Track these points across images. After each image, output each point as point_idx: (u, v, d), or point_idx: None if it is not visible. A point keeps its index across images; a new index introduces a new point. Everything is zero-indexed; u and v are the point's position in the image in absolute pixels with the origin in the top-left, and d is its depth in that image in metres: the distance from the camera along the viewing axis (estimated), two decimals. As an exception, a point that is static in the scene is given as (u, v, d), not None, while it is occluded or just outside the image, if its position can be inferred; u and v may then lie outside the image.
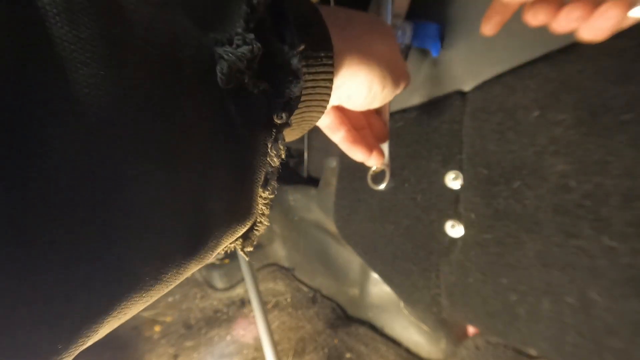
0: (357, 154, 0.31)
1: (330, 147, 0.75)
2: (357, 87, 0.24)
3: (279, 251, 1.12)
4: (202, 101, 0.15)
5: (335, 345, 0.85)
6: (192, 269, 0.16)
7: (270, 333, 0.76)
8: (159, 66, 0.13)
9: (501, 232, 0.40)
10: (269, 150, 0.18)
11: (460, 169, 0.44)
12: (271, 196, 0.19)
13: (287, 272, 1.09)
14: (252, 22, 0.16)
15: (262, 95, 0.17)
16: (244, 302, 1.05)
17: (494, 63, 0.39)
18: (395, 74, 0.26)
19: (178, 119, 0.13)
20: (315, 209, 0.86)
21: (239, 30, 0.15)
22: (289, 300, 1.01)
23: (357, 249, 0.61)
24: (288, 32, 0.18)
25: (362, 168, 0.59)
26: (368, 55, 0.23)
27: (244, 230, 0.19)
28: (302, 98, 0.20)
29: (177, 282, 0.15)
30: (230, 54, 0.15)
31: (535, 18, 0.24)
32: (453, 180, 0.45)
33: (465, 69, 0.42)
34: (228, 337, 0.96)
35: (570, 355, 0.36)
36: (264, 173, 0.18)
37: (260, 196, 0.19)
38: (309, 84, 0.20)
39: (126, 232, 0.12)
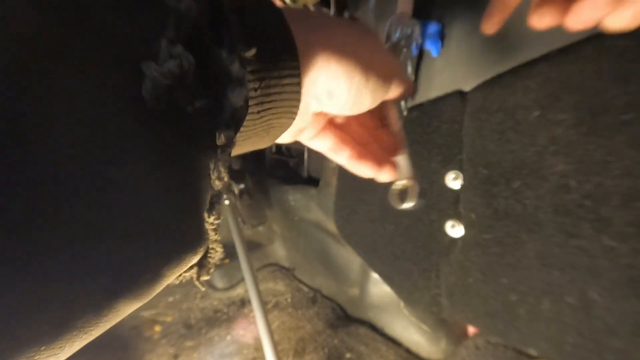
0: (366, 169, 0.28)
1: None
2: (335, 79, 0.21)
3: (279, 251, 1.12)
4: (131, 128, 0.13)
5: (335, 345, 0.85)
6: (135, 306, 0.14)
7: (270, 333, 0.76)
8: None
9: (501, 232, 0.40)
10: (210, 173, 0.16)
11: (460, 169, 0.44)
12: (217, 221, 0.17)
13: (287, 272, 1.09)
14: (183, 28, 0.13)
15: (199, 114, 0.15)
16: (244, 302, 1.05)
17: (494, 63, 0.39)
18: (382, 68, 0.23)
19: (104, 148, 0.12)
20: (315, 209, 0.86)
21: (164, 43, 0.13)
22: (289, 300, 1.01)
23: (357, 249, 0.61)
24: (226, 34, 0.16)
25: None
26: (341, 46, 0.21)
27: (196, 258, 0.17)
28: (269, 105, 0.19)
29: (112, 320, 0.14)
30: (154, 71, 0.13)
31: (541, 21, 0.23)
32: (453, 180, 0.45)
33: (465, 69, 0.42)
34: (228, 337, 0.96)
35: (570, 355, 0.36)
36: (207, 198, 0.16)
37: (207, 221, 0.17)
38: (274, 90, 0.18)
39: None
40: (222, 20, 0.16)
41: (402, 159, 0.31)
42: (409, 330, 0.75)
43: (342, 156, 0.28)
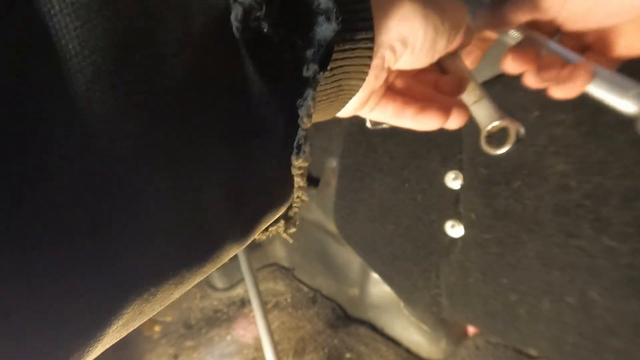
0: (430, 121, 0.25)
1: (330, 147, 0.76)
2: (410, 21, 0.19)
3: (279, 251, 1.12)
4: (215, 59, 0.13)
5: (335, 345, 0.85)
6: (231, 253, 0.15)
7: (270, 333, 0.76)
8: (166, 17, 0.11)
9: (501, 232, 0.40)
10: (298, 111, 0.15)
11: (460, 169, 0.44)
12: (305, 164, 0.16)
13: (287, 272, 1.09)
14: None
15: (287, 46, 0.14)
16: (244, 302, 1.05)
17: (494, 63, 0.39)
18: (455, 9, 0.21)
19: (190, 85, 0.12)
20: (315, 209, 0.86)
21: None
22: (289, 300, 1.01)
23: (357, 249, 0.61)
24: None
25: (362, 168, 0.59)
26: None
27: (284, 209, 0.17)
28: (341, 62, 0.17)
29: (215, 266, 0.15)
30: None
31: (512, 68, 0.25)
32: (453, 180, 0.45)
33: (465, 69, 0.42)
34: (228, 337, 0.96)
35: (570, 355, 0.36)
36: (295, 138, 0.16)
37: (294, 166, 0.16)
38: (346, 45, 0.17)
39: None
40: None
41: (483, 104, 0.29)
42: (409, 330, 0.75)
43: (406, 118, 0.25)
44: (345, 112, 0.23)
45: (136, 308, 0.13)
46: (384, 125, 0.38)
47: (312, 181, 0.86)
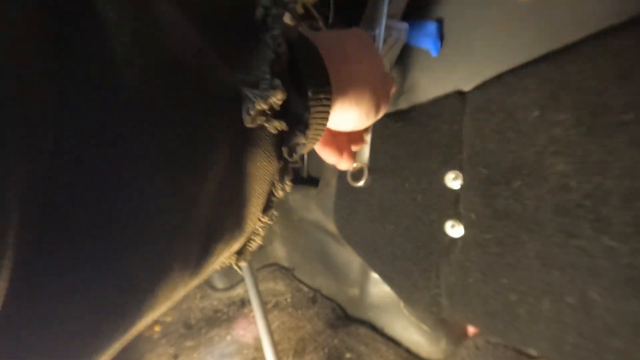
0: (328, 156, 0.32)
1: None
2: (347, 118, 0.26)
3: (279, 251, 1.12)
4: (223, 129, 0.15)
5: (335, 345, 0.85)
6: (193, 284, 0.17)
7: (270, 333, 0.76)
8: (187, 85, 0.13)
9: (501, 232, 0.40)
10: (276, 183, 0.19)
11: (460, 169, 0.44)
12: (270, 222, 0.21)
13: (287, 272, 1.09)
14: (277, 67, 0.16)
15: (278, 137, 0.18)
16: (244, 302, 1.05)
17: (494, 63, 0.39)
18: (380, 101, 0.28)
19: (199, 140, 0.14)
20: (315, 209, 0.86)
21: (267, 75, 0.16)
22: (289, 300, 1.01)
23: (357, 249, 0.61)
24: (302, 85, 0.19)
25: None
26: (358, 90, 0.25)
27: (238, 245, 0.20)
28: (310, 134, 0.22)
29: (172, 298, 0.16)
30: (257, 96, 0.15)
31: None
32: (453, 180, 0.45)
33: (465, 68, 0.42)
34: (228, 337, 0.96)
35: (570, 355, 0.36)
36: (265, 199, 0.19)
37: (260, 219, 0.20)
38: (312, 122, 0.21)
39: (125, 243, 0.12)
40: (294, 66, 0.19)
41: (365, 149, 0.38)
42: (409, 330, 0.75)
43: (318, 150, 0.32)
44: None
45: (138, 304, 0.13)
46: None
47: (312, 181, 0.86)
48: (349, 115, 0.26)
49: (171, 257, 0.14)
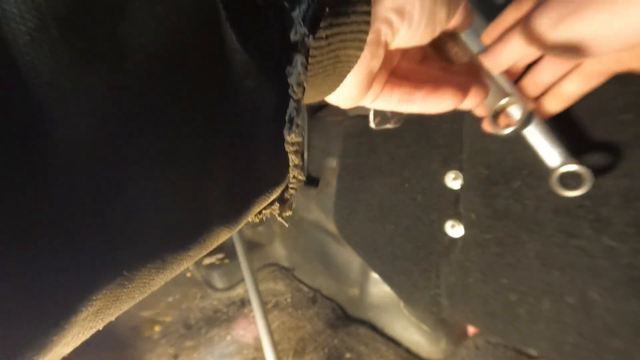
0: (445, 100, 0.23)
1: (330, 147, 0.76)
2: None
3: (279, 251, 1.12)
4: (193, 27, 0.12)
5: (335, 345, 0.85)
6: (223, 238, 0.14)
7: (270, 333, 0.76)
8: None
9: (501, 232, 0.40)
10: (288, 80, 0.14)
11: (460, 169, 0.44)
12: (299, 139, 0.15)
13: (287, 272, 1.09)
14: None
15: (271, 6, 0.13)
16: (244, 302, 1.05)
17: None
18: None
19: (168, 59, 0.11)
20: (315, 209, 0.86)
21: None
22: (289, 300, 1.01)
23: (357, 249, 0.61)
24: None
25: (362, 168, 0.59)
26: None
27: (280, 190, 0.16)
28: (337, 29, 0.16)
29: (216, 244, 0.14)
30: None
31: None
32: (453, 180, 0.45)
33: (465, 69, 0.42)
34: (228, 337, 0.96)
35: (570, 355, 0.36)
36: (286, 111, 0.15)
37: (287, 142, 0.15)
38: (343, 9, 0.15)
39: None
40: None
41: (492, 80, 0.26)
42: (409, 330, 0.75)
43: (415, 102, 0.23)
44: (347, 101, 0.21)
45: (109, 294, 0.12)
46: (388, 126, 0.38)
47: (312, 181, 0.86)
48: None
49: (169, 252, 0.13)
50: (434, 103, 0.23)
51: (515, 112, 0.27)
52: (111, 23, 0.10)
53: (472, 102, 0.24)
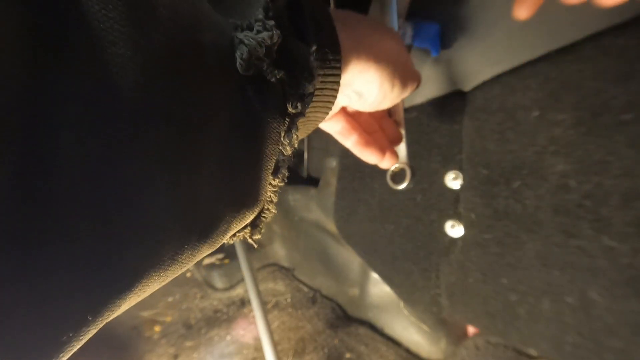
0: (370, 156, 0.31)
1: (330, 147, 0.76)
2: (367, 84, 0.24)
3: (279, 251, 1.12)
4: (221, 87, 0.15)
5: (335, 345, 0.85)
6: (205, 252, 0.16)
7: (270, 333, 0.76)
8: (182, 49, 0.13)
9: (501, 232, 0.40)
10: (282, 139, 0.18)
11: (460, 169, 0.44)
12: (281, 184, 0.19)
13: (287, 272, 1.09)
14: (272, 11, 0.16)
15: (279, 84, 0.17)
16: (244, 302, 1.05)
17: (494, 63, 0.39)
18: (405, 74, 0.26)
19: (198, 105, 0.14)
20: (315, 209, 0.86)
21: (260, 16, 0.15)
22: (289, 300, 1.01)
23: (357, 249, 0.61)
24: (305, 30, 0.18)
25: (362, 168, 0.59)
26: (377, 52, 0.23)
27: (252, 217, 0.19)
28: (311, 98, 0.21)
29: (191, 263, 0.16)
30: (250, 39, 0.15)
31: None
32: (453, 180, 0.45)
33: (465, 69, 0.42)
34: (228, 337, 0.96)
35: (570, 355, 0.36)
36: (274, 161, 0.18)
37: (270, 184, 0.19)
38: (318, 86, 0.20)
39: (142, 222, 0.12)
40: (295, 12, 0.19)
41: (401, 146, 0.35)
42: (409, 330, 0.75)
43: (349, 141, 0.30)
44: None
45: (130, 299, 0.13)
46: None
47: (312, 181, 0.86)
48: (368, 78, 0.24)
49: (166, 249, 0.14)
50: (360, 152, 0.31)
51: (405, 172, 0.37)
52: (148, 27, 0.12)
53: (385, 165, 0.33)
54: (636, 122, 0.30)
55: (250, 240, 0.21)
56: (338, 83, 0.21)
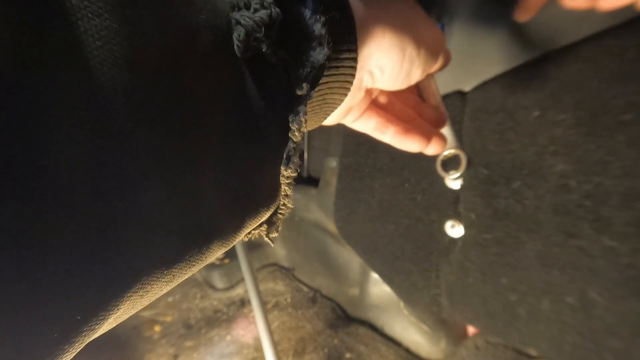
0: (413, 144, 0.27)
1: (330, 147, 0.76)
2: (388, 53, 0.21)
3: (279, 251, 1.12)
4: (217, 72, 0.14)
5: (335, 345, 0.85)
6: (216, 252, 0.16)
7: (270, 333, 0.76)
8: (175, 29, 0.12)
9: (501, 232, 0.40)
10: (290, 125, 0.16)
11: (460, 169, 0.44)
12: (294, 174, 0.18)
13: (287, 272, 1.09)
14: None
15: (282, 65, 0.16)
16: (244, 302, 1.05)
17: (494, 63, 0.39)
18: (431, 43, 0.23)
19: (195, 97, 0.13)
20: (315, 209, 0.86)
21: None
22: (289, 300, 1.01)
23: (357, 249, 0.61)
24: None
25: (362, 168, 0.59)
26: (395, 17, 0.21)
27: (269, 214, 0.18)
28: (326, 78, 0.18)
29: (201, 264, 0.15)
30: (247, 19, 0.14)
31: (574, 1, 0.24)
32: (453, 181, 0.45)
33: (465, 69, 0.42)
34: (228, 337, 0.96)
35: (570, 355, 0.36)
36: (285, 150, 0.17)
37: (283, 175, 0.17)
38: (332, 63, 0.18)
39: (143, 224, 0.12)
40: None
41: (445, 130, 0.30)
42: (409, 330, 0.75)
43: (387, 134, 0.27)
44: (327, 121, 0.24)
45: (130, 303, 0.13)
46: None
47: (312, 181, 0.86)
48: (389, 44, 0.20)
49: (166, 249, 0.14)
50: (402, 142, 0.27)
51: (457, 159, 0.31)
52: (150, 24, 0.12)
53: (433, 151, 0.28)
54: (636, 122, 0.30)
55: (266, 239, 0.19)
56: (355, 58, 0.19)
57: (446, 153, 0.32)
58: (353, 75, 0.19)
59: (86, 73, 0.10)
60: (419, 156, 0.48)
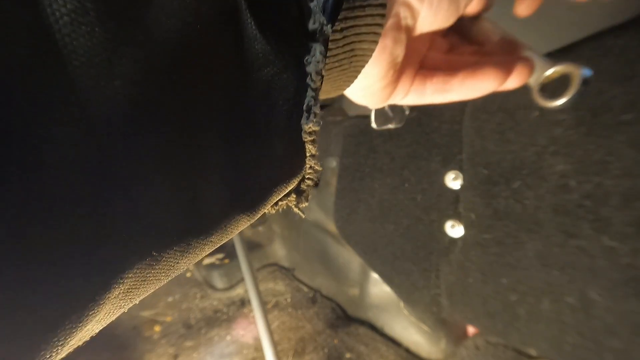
0: (488, 81, 0.20)
1: (330, 147, 0.76)
2: None
3: (279, 251, 1.12)
4: (213, 16, 0.12)
5: (335, 345, 0.85)
6: (245, 224, 0.14)
7: (270, 333, 0.76)
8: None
9: (501, 232, 0.40)
10: (307, 68, 0.14)
11: (460, 169, 0.44)
12: (316, 128, 0.15)
13: (287, 272, 1.09)
14: None
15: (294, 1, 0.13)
16: (244, 302, 1.05)
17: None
18: None
19: (188, 46, 0.11)
20: (315, 208, 0.86)
21: None
22: (289, 300, 1.01)
23: (357, 249, 0.61)
24: None
25: (362, 168, 0.59)
26: None
27: (297, 180, 0.16)
28: (349, 21, 0.15)
29: (237, 231, 0.14)
30: None
31: None
32: (453, 180, 0.45)
33: (465, 69, 0.42)
34: (228, 337, 0.96)
35: (570, 355, 0.36)
36: (304, 100, 0.14)
37: (304, 131, 0.15)
38: (357, 2, 0.15)
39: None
40: None
41: (531, 54, 0.24)
42: (409, 330, 0.75)
43: (452, 89, 0.21)
44: (375, 98, 0.21)
45: (139, 273, 0.12)
46: (390, 126, 0.38)
47: (312, 181, 0.86)
48: None
49: (182, 220, 0.13)
50: (473, 87, 0.21)
51: (564, 80, 0.24)
52: (140, 7, 0.10)
53: (518, 80, 0.21)
54: (636, 122, 0.30)
55: (296, 210, 0.17)
56: None
57: (548, 73, 0.24)
58: (383, 15, 0.16)
59: (127, 54, 0.10)
60: (419, 156, 0.48)
